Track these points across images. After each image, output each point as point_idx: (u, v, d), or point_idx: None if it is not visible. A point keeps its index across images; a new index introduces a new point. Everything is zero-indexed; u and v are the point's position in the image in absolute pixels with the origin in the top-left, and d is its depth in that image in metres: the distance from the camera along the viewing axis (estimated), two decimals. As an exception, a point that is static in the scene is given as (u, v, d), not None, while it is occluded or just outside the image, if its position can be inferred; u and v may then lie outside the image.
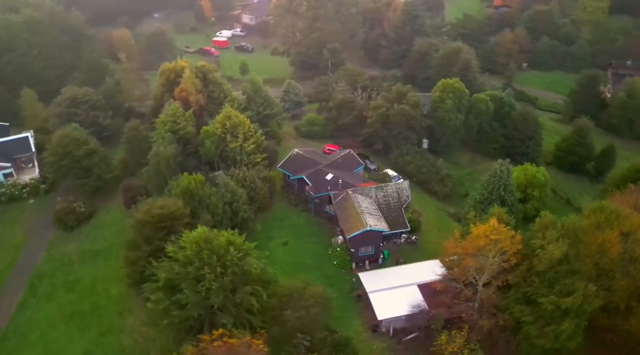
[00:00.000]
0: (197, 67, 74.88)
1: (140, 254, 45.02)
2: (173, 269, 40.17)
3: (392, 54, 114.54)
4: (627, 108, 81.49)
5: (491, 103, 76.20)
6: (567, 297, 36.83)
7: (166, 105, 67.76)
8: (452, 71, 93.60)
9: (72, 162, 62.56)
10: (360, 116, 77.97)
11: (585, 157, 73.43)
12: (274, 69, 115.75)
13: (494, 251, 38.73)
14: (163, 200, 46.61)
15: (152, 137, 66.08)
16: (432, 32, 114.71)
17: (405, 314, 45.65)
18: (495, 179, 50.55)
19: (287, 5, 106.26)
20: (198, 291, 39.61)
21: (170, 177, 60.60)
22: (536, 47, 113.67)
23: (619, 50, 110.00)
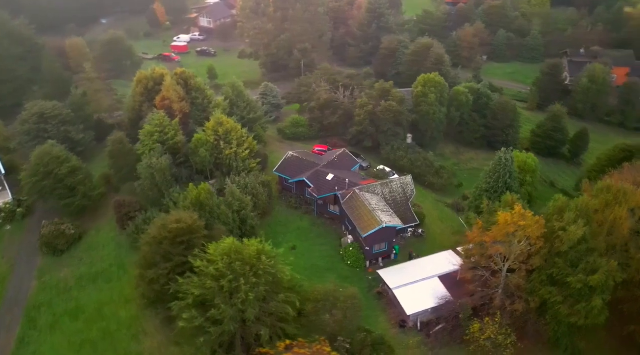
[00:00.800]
0: (176, 73, 71.94)
1: (160, 272, 42.59)
2: (205, 284, 38.39)
3: (360, 52, 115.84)
4: (590, 93, 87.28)
5: (470, 95, 78.90)
6: (593, 275, 38.87)
7: (149, 116, 64.75)
8: (425, 66, 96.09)
9: (55, 182, 58.10)
10: (346, 115, 78.15)
11: (561, 141, 77.85)
12: (242, 73, 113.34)
13: (519, 236, 40.13)
14: (177, 214, 44.33)
15: (139, 150, 62.91)
16: (397, 29, 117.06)
17: (431, 307, 46.30)
18: (500, 167, 52.38)
19: (255, 8, 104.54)
20: (234, 304, 38.16)
21: (167, 189, 58.09)
22: (494, 40, 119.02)
23: (569, 39, 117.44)
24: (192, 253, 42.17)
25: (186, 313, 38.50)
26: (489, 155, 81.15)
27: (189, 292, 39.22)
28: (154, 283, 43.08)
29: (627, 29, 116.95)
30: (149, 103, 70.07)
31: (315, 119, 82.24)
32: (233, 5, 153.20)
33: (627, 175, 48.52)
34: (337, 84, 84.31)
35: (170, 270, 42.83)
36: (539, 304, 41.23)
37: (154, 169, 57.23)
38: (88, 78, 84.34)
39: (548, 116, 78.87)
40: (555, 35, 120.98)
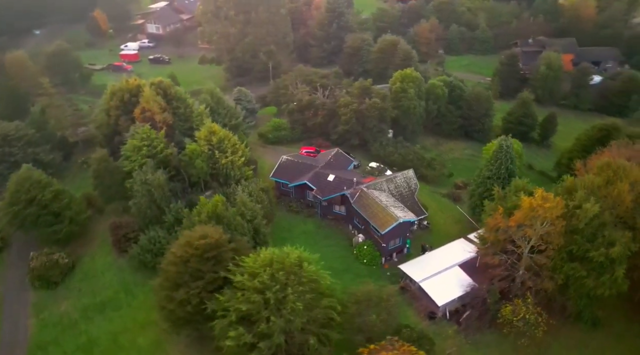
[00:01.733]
0: (154, 83, 68.25)
1: (192, 291, 40.20)
2: (250, 298, 36.78)
3: (322, 51, 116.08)
4: (547, 79, 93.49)
5: (445, 88, 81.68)
6: (611, 248, 41.74)
7: (132, 129, 61.06)
8: (394, 63, 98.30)
9: (40, 209, 53.09)
10: (329, 115, 78.04)
11: (531, 125, 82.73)
12: (204, 79, 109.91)
13: (541, 218, 42.18)
14: (201, 229, 42.03)
15: (125, 166, 59.10)
16: (357, 27, 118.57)
17: (458, 296, 47.50)
18: (502, 153, 54.64)
19: (216, 11, 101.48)
20: (282, 315, 36.92)
21: (167, 205, 55.06)
22: (448, 34, 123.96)
23: (514, 31, 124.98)
24: (225, 268, 40.43)
25: (232, 331, 36.66)
26: (468, 144, 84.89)
27: (231, 309, 37.43)
28: (185, 304, 40.59)
29: (563, 19, 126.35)
30: (127, 116, 66.08)
31: (296, 121, 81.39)
32: (181, 10, 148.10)
33: (615, 152, 52.55)
34: (315, 84, 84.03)
35: (202, 288, 40.62)
36: (564, 280, 43.54)
37: (151, 185, 54.00)
38: (47, 93, 77.80)
39: (517, 103, 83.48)
40: (502, 27, 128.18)
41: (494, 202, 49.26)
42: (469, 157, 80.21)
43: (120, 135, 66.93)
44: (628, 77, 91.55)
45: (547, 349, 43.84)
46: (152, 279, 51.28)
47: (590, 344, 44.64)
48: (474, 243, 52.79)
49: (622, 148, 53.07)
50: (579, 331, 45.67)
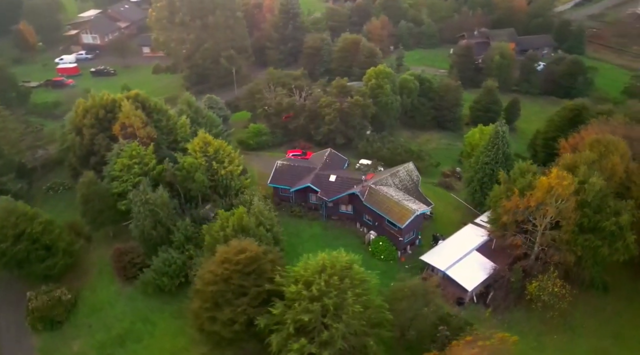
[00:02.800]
0: (130, 96, 63.85)
1: (239, 310, 38.22)
2: (308, 308, 35.70)
3: (280, 53, 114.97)
4: (502, 68, 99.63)
5: (416, 82, 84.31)
6: (619, 216, 45.58)
7: (116, 148, 56.87)
8: (358, 60, 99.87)
9: (29, 243, 47.68)
10: (311, 116, 77.57)
11: (497, 112, 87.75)
12: (159, 89, 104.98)
13: (558, 196, 45.03)
14: (237, 243, 40.04)
15: (115, 188, 54.90)
16: (312, 27, 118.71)
17: (484, 279, 49.39)
18: (498, 139, 57.40)
19: (171, 18, 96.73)
20: (342, 320, 36.27)
21: (173, 224, 51.94)
22: (398, 30, 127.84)
23: (457, 25, 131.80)
24: (268, 280, 38.99)
25: (294, 344, 35.37)
26: (442, 134, 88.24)
27: (289, 320, 36.13)
28: (231, 323, 38.51)
29: (498, 10, 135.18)
30: (104, 134, 61.36)
31: (276, 125, 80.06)
32: (117, 18, 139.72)
33: (596, 129, 57.29)
34: (289, 86, 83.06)
35: (247, 304, 38.78)
36: (581, 252, 46.78)
37: (154, 204, 50.60)
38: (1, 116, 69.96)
39: (483, 91, 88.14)
40: (444, 22, 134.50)
41: (502, 185, 51.70)
42: (446, 146, 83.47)
43: (96, 155, 62.08)
44: (572, 61, 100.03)
45: (571, 318, 46.80)
46: (169, 303, 48.52)
47: (606, 308, 48.34)
48: (484, 227, 55.22)
49: (601, 125, 57.85)
50: (593, 297, 49.26)
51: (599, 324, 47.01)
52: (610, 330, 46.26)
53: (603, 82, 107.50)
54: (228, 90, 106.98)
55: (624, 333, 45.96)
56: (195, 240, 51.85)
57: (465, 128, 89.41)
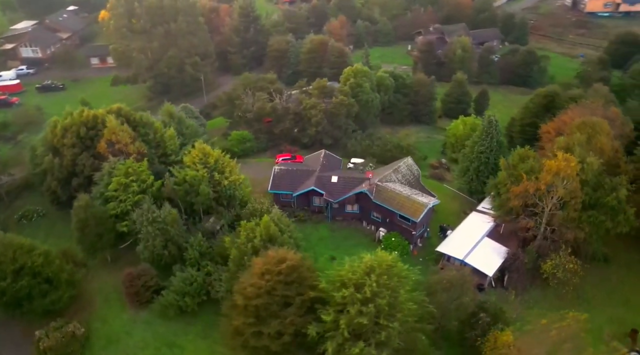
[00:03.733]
0: (112, 111, 59.93)
1: (287, 321, 37.02)
2: (362, 310, 35.28)
3: (243, 58, 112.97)
4: (464, 61, 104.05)
5: (392, 79, 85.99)
6: (617, 192, 49.17)
7: (107, 167, 53.27)
8: (328, 60, 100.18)
9: (31, 278, 43.30)
10: (295, 119, 76.74)
11: (467, 103, 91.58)
12: (119, 101, 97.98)
13: (564, 177, 47.78)
14: (275, 253, 38.72)
15: (112, 209, 51.37)
16: (273, 30, 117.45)
17: (501, 263, 51.31)
18: (492, 128, 59.81)
19: (131, 26, 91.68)
20: (397, 319, 36.26)
21: (185, 241, 49.44)
22: (356, 29, 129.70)
23: (410, 22, 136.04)
24: (311, 287, 38.18)
25: (354, 348, 34.82)
26: (419, 128, 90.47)
27: (343, 326, 35.55)
28: (279, 336, 37.25)
29: (446, 7, 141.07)
30: (87, 153, 57.23)
31: (259, 130, 78.46)
32: (57, 29, 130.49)
33: (576, 112, 61.35)
34: (267, 90, 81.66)
35: (294, 314, 37.68)
36: (588, 227, 49.92)
37: (165, 222, 47.89)
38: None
39: (453, 84, 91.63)
40: (398, 20, 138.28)
41: (505, 171, 54.03)
42: (426, 140, 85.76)
43: (79, 176, 57.67)
44: (526, 51, 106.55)
45: (582, 291, 49.80)
46: (193, 324, 46.33)
47: (611, 278, 51.89)
48: (488, 214, 57.43)
49: (581, 108, 62.03)
50: (597, 269, 52.61)
51: (607, 294, 50.41)
52: (619, 299, 49.76)
53: (551, 69, 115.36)
54: (195, 98, 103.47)
55: (631, 299, 49.61)
56: (210, 255, 49.70)
57: (439, 121, 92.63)
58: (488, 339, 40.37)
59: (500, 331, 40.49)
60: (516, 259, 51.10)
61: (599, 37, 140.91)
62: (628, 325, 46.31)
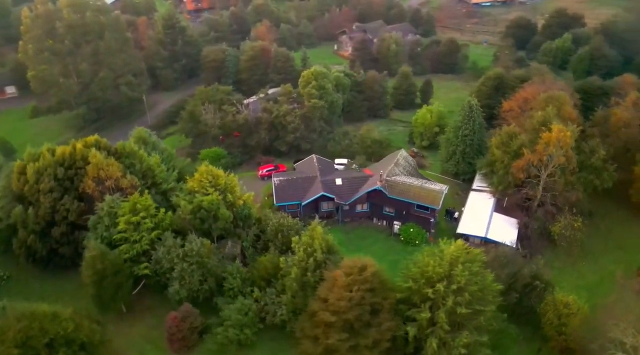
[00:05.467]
0: (89, 143, 52.66)
1: (383, 328, 36.35)
2: (458, 301, 35.97)
3: (174, 72, 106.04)
4: (398, 55, 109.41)
5: (347, 78, 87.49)
6: (597, 153, 56.28)
7: (105, 206, 47.23)
8: (274, 66, 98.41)
9: (67, 348, 36.50)
10: (269, 128, 74.36)
11: (414, 93, 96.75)
12: (39, 135, 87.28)
13: (560, 147, 53.32)
14: (353, 261, 37.53)
15: (125, 253, 45.58)
16: (201, 40, 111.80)
17: (516, 233, 55.53)
18: (473, 112, 64.13)
19: (53, 48, 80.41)
20: (490, 302, 37.73)
21: (223, 270, 45.71)
22: (281, 33, 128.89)
23: (329, 22, 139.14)
24: (389, 289, 38.05)
25: (457, 338, 35.40)
26: (377, 122, 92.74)
27: (439, 321, 35.96)
28: (378, 343, 36.39)
29: (360, 6, 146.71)
30: (70, 196, 49.89)
31: (232, 145, 74.67)
32: None
33: (534, 88, 68.51)
34: (227, 102, 77.93)
35: (387, 319, 37.09)
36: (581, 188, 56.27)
37: (200, 255, 43.75)
38: None
39: (399, 77, 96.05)
40: (316, 21, 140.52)
41: (498, 149, 58.57)
42: (388, 132, 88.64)
43: (60, 225, 49.85)
44: (449, 41, 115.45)
45: (583, 245, 56.05)
46: None
47: (600, 229, 58.99)
48: (485, 191, 61.73)
49: (537, 84, 69.45)
50: (584, 223, 59.47)
51: (603, 243, 57.43)
52: (613, 245, 57.03)
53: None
54: (134, 120, 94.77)
55: (624, 243, 57.18)
56: (250, 281, 46.49)
57: (391, 113, 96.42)
58: (547, 303, 43.68)
59: (553, 294, 44.09)
60: (527, 226, 55.77)
61: (491, 24, 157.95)
62: (632, 265, 53.36)
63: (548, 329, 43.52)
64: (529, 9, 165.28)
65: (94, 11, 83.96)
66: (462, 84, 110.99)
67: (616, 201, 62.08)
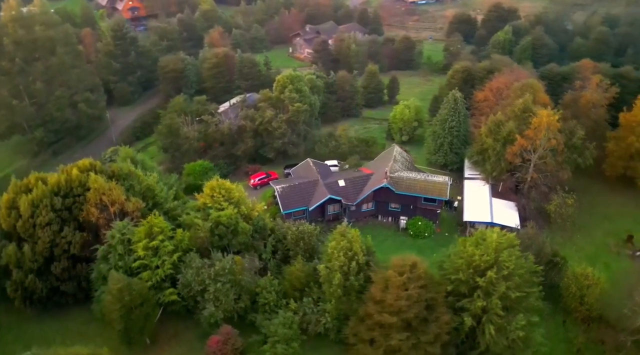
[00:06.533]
0: (83, 167, 48.24)
1: (442, 321, 36.88)
2: (509, 286, 37.35)
3: (130, 85, 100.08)
4: (359, 54, 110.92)
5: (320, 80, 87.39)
6: (577, 133, 60.86)
7: (116, 234, 43.90)
8: (240, 72, 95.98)
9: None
10: (254, 136, 72.39)
11: (381, 90, 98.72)
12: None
13: (550, 130, 56.96)
14: (401, 259, 37.54)
15: (147, 280, 42.56)
16: (155, 50, 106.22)
17: (517, 215, 58.49)
18: (457, 104, 66.61)
19: (1, 67, 72.44)
20: (535, 283, 39.61)
21: (257, 285, 44.06)
22: (234, 39, 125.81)
23: (279, 25, 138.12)
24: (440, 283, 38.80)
25: (514, 321, 36.74)
26: (352, 121, 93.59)
27: (494, 307, 37.20)
28: (438, 338, 36.85)
29: (307, 8, 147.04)
30: (70, 227, 45.68)
31: (217, 156, 71.85)
32: None
33: (506, 78, 72.53)
34: (208, 112, 74.98)
35: (445, 313, 37.69)
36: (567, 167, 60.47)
37: (232, 272, 41.89)
38: None
39: (367, 75, 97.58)
40: (266, 25, 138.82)
41: (488, 138, 61.40)
42: (365, 130, 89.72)
43: (60, 260, 45.41)
44: (404, 38, 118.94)
45: (574, 219, 60.26)
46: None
47: (582, 204, 62.98)
48: (478, 178, 64.44)
49: (508, 74, 73.63)
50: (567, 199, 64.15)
51: (589, 216, 62.02)
52: (599, 217, 61.82)
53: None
54: (95, 140, 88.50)
55: (608, 214, 62.21)
56: (282, 292, 45.13)
57: (364, 110, 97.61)
58: (567, 275, 46.56)
59: (570, 268, 47.15)
60: (525, 208, 59.02)
61: (430, 21, 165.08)
62: (620, 234, 58.26)
63: (571, 301, 46.38)
64: (461, 5, 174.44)
65: (42, 25, 76.90)
66: (421, 79, 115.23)
67: (591, 177, 67.49)
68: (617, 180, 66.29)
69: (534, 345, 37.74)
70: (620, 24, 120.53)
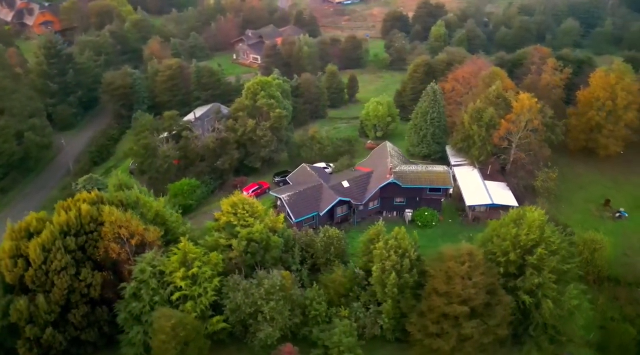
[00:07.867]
0: (90, 200, 43.23)
1: (505, 303, 38.35)
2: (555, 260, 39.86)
3: (70, 105, 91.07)
4: (311, 56, 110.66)
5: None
6: (546, 112, 66.35)
7: (146, 267, 40.24)
8: (200, 82, 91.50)
9: None
10: (239, 147, 69.46)
11: (342, 89, 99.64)
12: None
13: (532, 112, 61.37)
14: (451, 249, 38.40)
15: (189, 310, 39.50)
16: (94, 66, 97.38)
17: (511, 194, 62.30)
18: (437, 96, 69.25)
19: None
20: (573, 253, 42.54)
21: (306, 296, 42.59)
22: (172, 48, 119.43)
23: (217, 32, 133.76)
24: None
25: (567, 290, 39.23)
26: (321, 122, 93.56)
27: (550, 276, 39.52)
28: (504, 319, 38.29)
29: (242, 12, 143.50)
30: (87, 267, 40.98)
31: (202, 172, 67.94)
32: None
33: (470, 67, 76.78)
34: (177, 128, 70.55)
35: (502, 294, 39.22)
36: (544, 143, 65.64)
37: (282, 289, 40.27)
38: None
39: (327, 75, 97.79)
40: (204, 32, 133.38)
41: (472, 125, 64.80)
42: (336, 130, 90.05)
43: (78, 306, 40.52)
44: (350, 38, 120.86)
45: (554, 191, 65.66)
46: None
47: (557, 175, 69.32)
48: (464, 164, 67.70)
49: (471, 64, 78.09)
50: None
51: (567, 187, 67.69)
52: (574, 187, 67.84)
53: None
54: (46, 171, 79.39)
55: (582, 183, 68.53)
56: (326, 301, 44.03)
57: (328, 111, 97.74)
58: (579, 242, 50.59)
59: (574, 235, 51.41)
60: (517, 186, 63.16)
61: (360, 20, 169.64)
62: (597, 200, 64.55)
63: (584, 266, 50.47)
64: (383, 4, 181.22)
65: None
66: (371, 76, 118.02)
67: (557, 151, 73.81)
68: (580, 152, 73.36)
69: (584, 311, 40.59)
70: (535, 13, 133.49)
